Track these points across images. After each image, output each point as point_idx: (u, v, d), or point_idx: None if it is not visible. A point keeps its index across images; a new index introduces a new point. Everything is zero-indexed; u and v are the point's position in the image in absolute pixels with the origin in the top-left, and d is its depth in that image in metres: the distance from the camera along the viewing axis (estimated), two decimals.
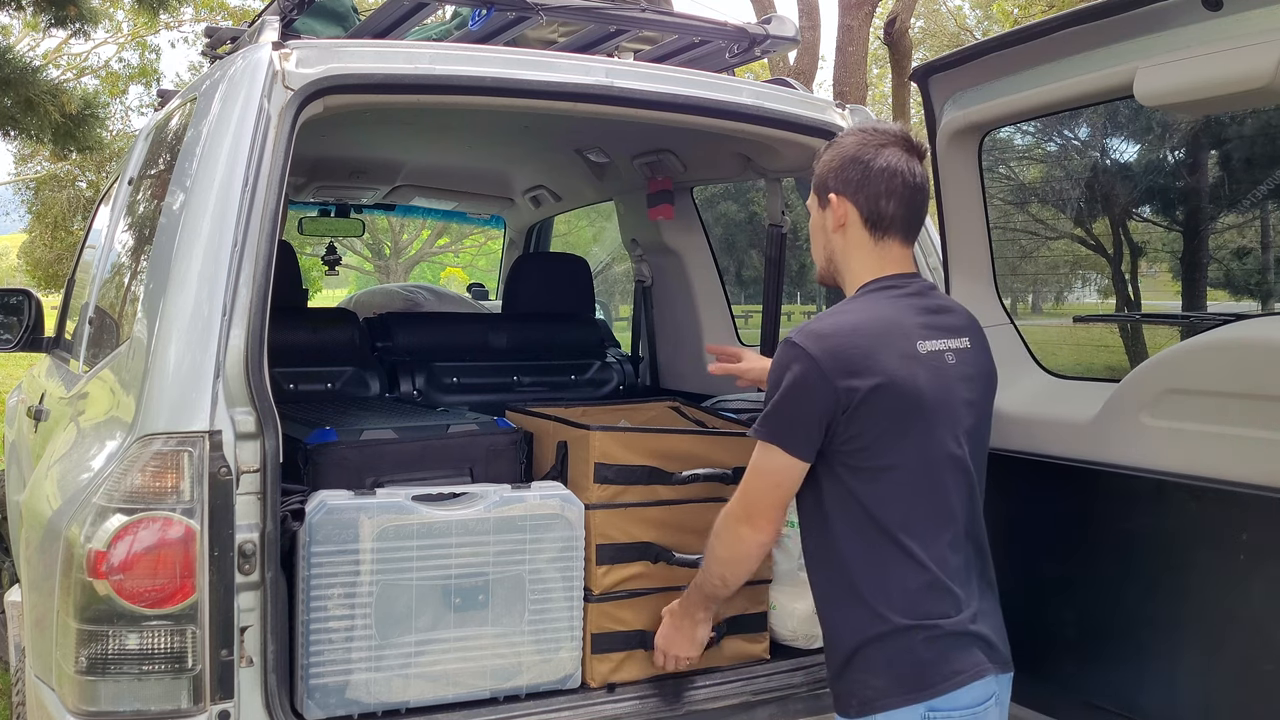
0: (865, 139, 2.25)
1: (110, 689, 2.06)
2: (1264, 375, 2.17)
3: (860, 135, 2.27)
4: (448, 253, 30.64)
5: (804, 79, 11.17)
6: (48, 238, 23.48)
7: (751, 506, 2.21)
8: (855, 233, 2.25)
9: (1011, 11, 17.40)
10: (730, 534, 2.26)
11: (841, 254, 2.28)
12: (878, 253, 2.25)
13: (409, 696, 2.45)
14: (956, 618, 2.11)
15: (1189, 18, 2.19)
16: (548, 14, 2.81)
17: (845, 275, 2.30)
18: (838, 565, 2.16)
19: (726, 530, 2.26)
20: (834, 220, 2.26)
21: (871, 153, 2.22)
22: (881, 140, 2.24)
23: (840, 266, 2.30)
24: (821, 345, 2.10)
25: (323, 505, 2.38)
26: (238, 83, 2.34)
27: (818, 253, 2.34)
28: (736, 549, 2.27)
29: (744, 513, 2.23)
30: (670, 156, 3.87)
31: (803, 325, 2.16)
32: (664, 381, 4.49)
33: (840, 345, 2.10)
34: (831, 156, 2.27)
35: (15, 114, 9.18)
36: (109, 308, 2.94)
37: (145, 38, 24.52)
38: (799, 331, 2.13)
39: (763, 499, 2.20)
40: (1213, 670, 2.27)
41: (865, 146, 2.24)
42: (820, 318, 2.20)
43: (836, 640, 2.19)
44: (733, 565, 2.31)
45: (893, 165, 2.21)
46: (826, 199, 2.27)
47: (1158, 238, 8.11)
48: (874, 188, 2.21)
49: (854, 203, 2.23)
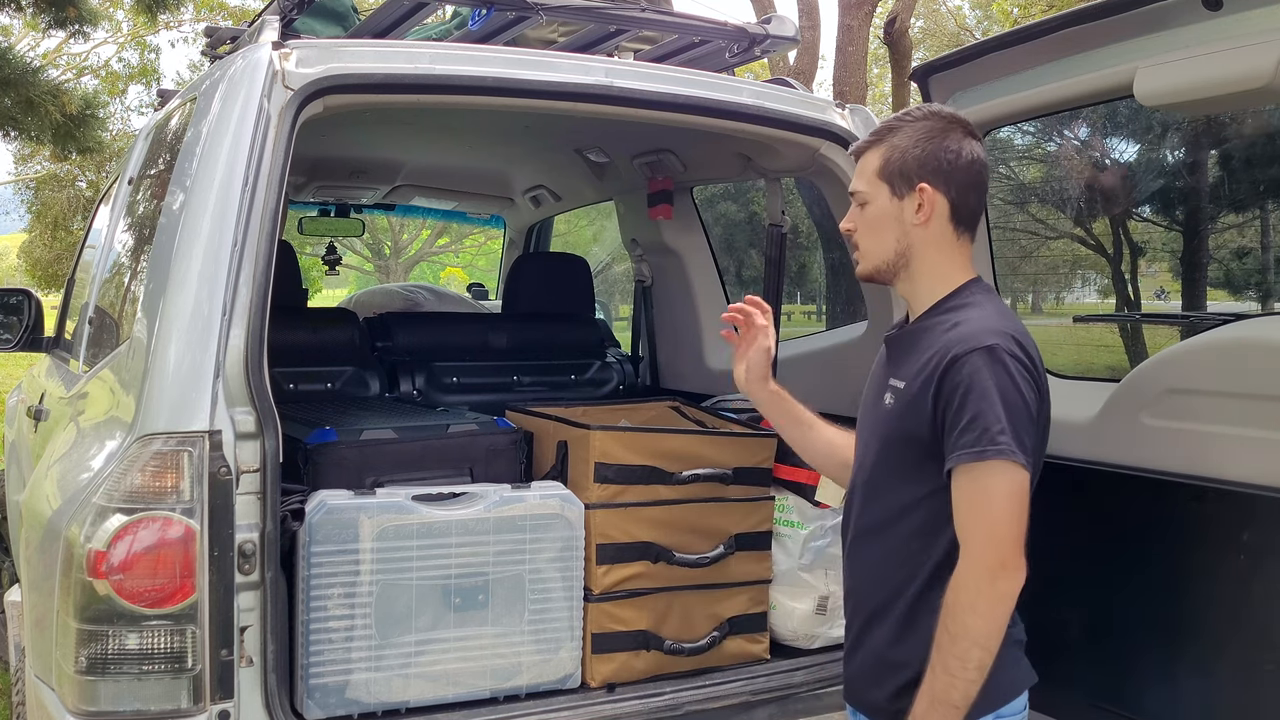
0: (945, 125, 2.05)
1: (110, 689, 2.06)
2: (1264, 375, 2.17)
3: (938, 120, 2.06)
4: (448, 253, 30.63)
5: (804, 79, 11.16)
6: (48, 238, 23.47)
7: (1004, 547, 1.84)
8: (940, 227, 2.05)
9: (1011, 11, 17.40)
10: (990, 597, 1.83)
11: (920, 249, 2.06)
12: (959, 250, 2.07)
13: (409, 696, 2.45)
14: (1022, 624, 2.05)
15: (1189, 18, 2.19)
16: (548, 14, 2.81)
17: (922, 273, 2.08)
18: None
19: (982, 597, 1.83)
20: (920, 212, 2.03)
21: (957, 141, 2.04)
22: (961, 128, 2.06)
23: (917, 263, 2.07)
24: (1023, 343, 1.94)
25: (323, 505, 2.38)
26: (238, 83, 2.34)
27: (882, 246, 2.08)
28: (1000, 611, 1.84)
29: (998, 561, 1.84)
30: (670, 156, 3.87)
31: (980, 326, 1.93)
32: (664, 381, 4.49)
33: (1031, 344, 1.96)
34: (913, 141, 2.04)
35: (15, 114, 9.17)
36: (109, 307, 2.94)
37: (145, 37, 24.51)
38: (989, 332, 1.91)
39: (1015, 531, 1.85)
40: (1213, 669, 2.27)
41: (948, 133, 2.04)
42: (984, 318, 1.97)
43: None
44: (996, 637, 1.85)
45: (979, 157, 2.06)
46: (911, 187, 2.03)
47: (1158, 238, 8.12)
48: (963, 179, 2.03)
49: (944, 194, 2.03)
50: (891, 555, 2.04)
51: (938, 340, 1.98)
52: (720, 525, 2.78)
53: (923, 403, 1.95)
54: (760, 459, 2.85)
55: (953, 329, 1.97)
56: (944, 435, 1.92)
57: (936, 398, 1.93)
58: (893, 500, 2.04)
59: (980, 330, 1.93)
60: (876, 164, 2.08)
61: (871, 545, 2.09)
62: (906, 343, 2.09)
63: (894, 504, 2.03)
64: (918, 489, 1.99)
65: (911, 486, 2.00)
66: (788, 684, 2.71)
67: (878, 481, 2.09)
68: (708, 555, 2.74)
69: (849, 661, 2.17)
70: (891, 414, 2.04)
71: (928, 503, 1.98)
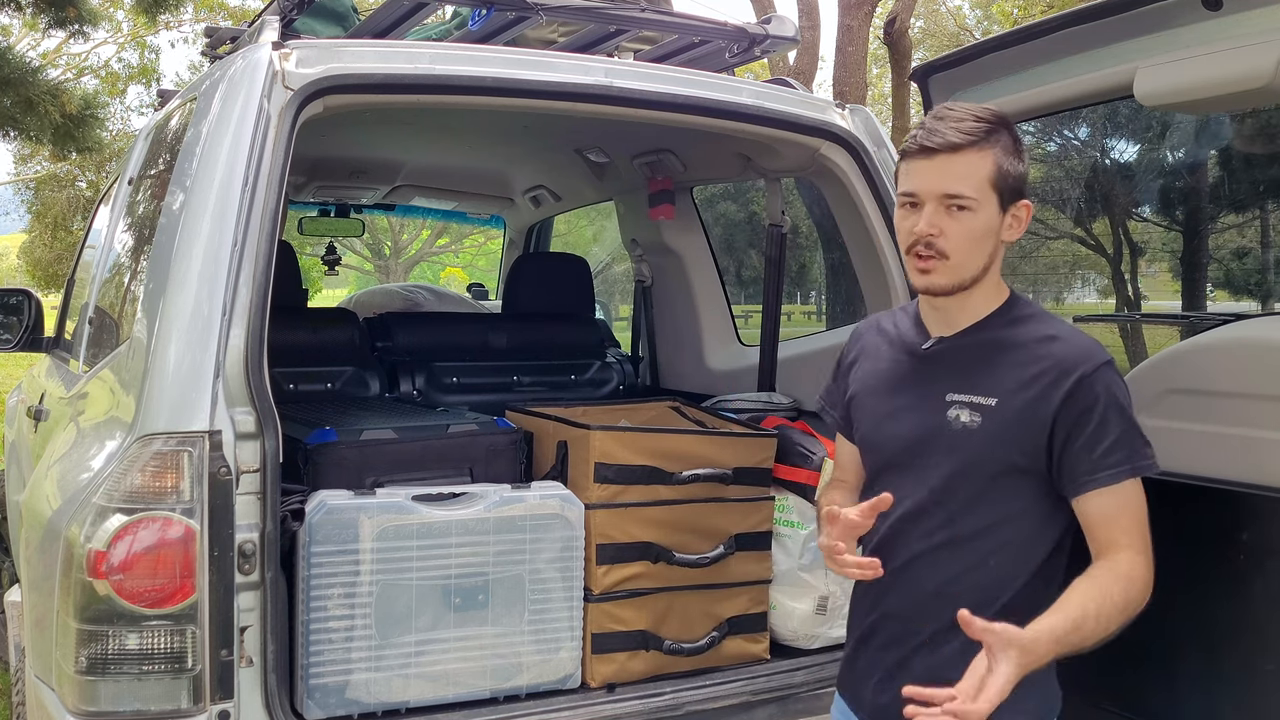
0: (1017, 133, 1.99)
1: (110, 689, 2.06)
2: (1264, 375, 2.17)
3: (1012, 128, 1.99)
4: (448, 253, 30.65)
5: (804, 79, 11.16)
6: (48, 238, 23.49)
7: (1149, 547, 1.90)
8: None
9: (1011, 12, 17.41)
10: (1145, 584, 1.88)
11: (998, 263, 2.00)
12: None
13: (409, 696, 2.45)
14: None
15: (1189, 18, 2.19)
16: (548, 14, 2.81)
17: (986, 284, 1.99)
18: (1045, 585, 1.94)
19: (1146, 584, 1.88)
20: (1015, 228, 1.98)
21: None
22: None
23: (990, 277, 1.99)
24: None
25: (323, 505, 2.38)
26: (238, 83, 2.34)
27: (977, 259, 1.95)
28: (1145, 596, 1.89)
29: (1147, 560, 1.89)
30: (670, 156, 3.87)
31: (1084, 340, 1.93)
32: (664, 381, 4.49)
33: None
34: (1015, 153, 1.96)
35: (15, 114, 9.18)
36: (109, 308, 2.94)
37: (145, 38, 24.52)
38: (1096, 347, 1.92)
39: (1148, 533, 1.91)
40: (1212, 670, 2.27)
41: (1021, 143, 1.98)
42: (1074, 331, 1.96)
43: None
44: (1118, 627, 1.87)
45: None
46: (1017, 202, 1.96)
47: (1158, 238, 8.12)
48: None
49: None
50: (965, 576, 1.95)
51: (1038, 355, 1.92)
52: (720, 525, 2.78)
53: (1037, 422, 1.89)
54: (760, 459, 2.85)
55: (1054, 343, 1.92)
56: (1071, 453, 1.88)
57: (1059, 416, 1.87)
58: (969, 521, 1.95)
59: (1089, 344, 1.90)
60: (989, 171, 1.92)
61: (938, 566, 1.98)
62: (969, 355, 1.99)
63: (969, 525, 1.95)
64: (1001, 509, 1.93)
65: (997, 507, 1.93)
66: (788, 684, 2.71)
67: (946, 505, 1.98)
68: (708, 555, 2.74)
69: (885, 689, 2.02)
70: (980, 433, 1.93)
71: (1017, 523, 1.92)
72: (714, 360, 4.25)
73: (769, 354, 3.73)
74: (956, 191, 1.91)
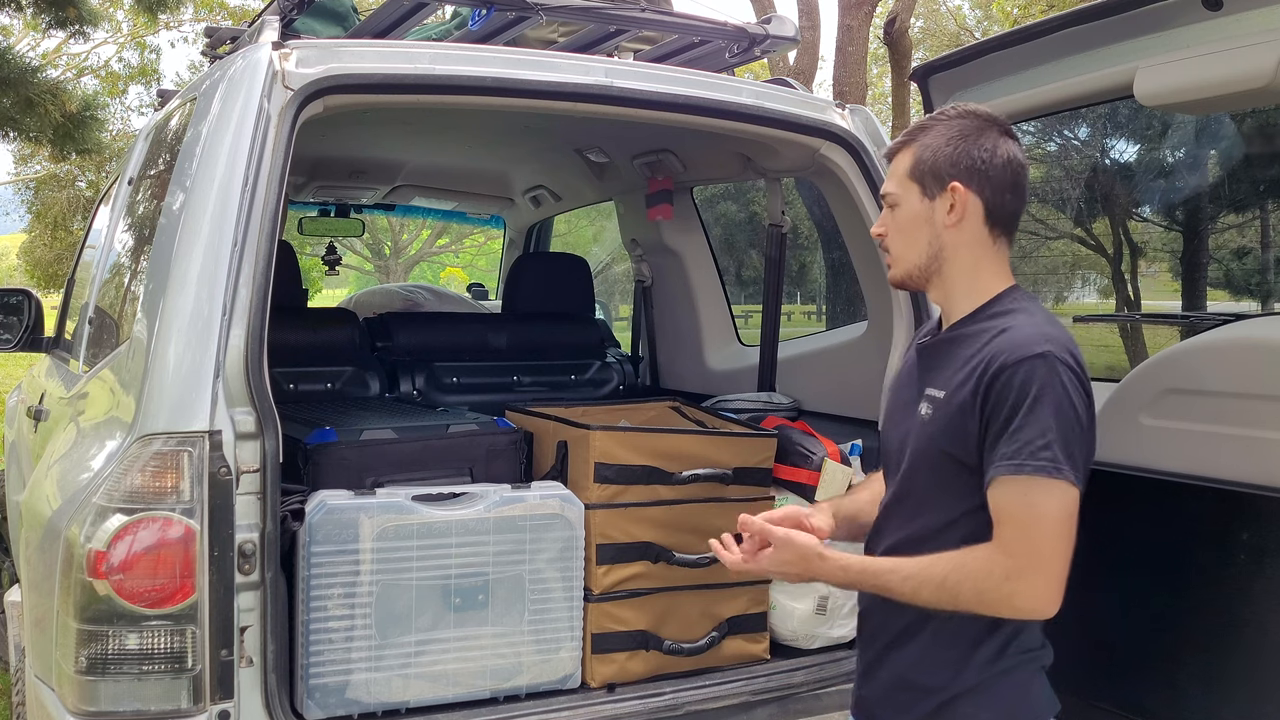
0: (979, 124, 1.98)
1: (110, 689, 2.06)
2: (1264, 375, 2.17)
3: (973, 119, 1.98)
4: (448, 253, 30.63)
5: (804, 79, 11.17)
6: (48, 238, 23.46)
7: (1043, 563, 1.79)
8: (974, 228, 1.97)
9: (1011, 11, 17.40)
10: (996, 593, 1.81)
11: (953, 252, 1.98)
12: (996, 254, 1.99)
13: (409, 696, 2.45)
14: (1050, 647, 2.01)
15: (1189, 18, 2.19)
16: (548, 14, 2.81)
17: (957, 278, 2.00)
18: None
19: (991, 586, 1.80)
20: (952, 213, 1.96)
21: (991, 140, 1.96)
22: (996, 127, 1.98)
23: (950, 267, 1.99)
24: (1074, 351, 1.86)
25: (323, 505, 2.38)
26: (238, 83, 2.34)
27: (914, 250, 2.01)
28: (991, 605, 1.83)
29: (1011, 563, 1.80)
30: (670, 156, 3.87)
31: (1031, 333, 1.85)
32: (664, 381, 4.49)
33: (1080, 353, 1.88)
34: (945, 140, 1.96)
35: (15, 114, 9.18)
36: (109, 308, 2.94)
37: (145, 38, 24.51)
38: (1040, 339, 1.83)
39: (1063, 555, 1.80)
40: (1212, 669, 2.27)
41: (983, 132, 1.96)
42: (1034, 325, 1.89)
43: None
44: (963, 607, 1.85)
45: (1014, 157, 1.97)
46: (942, 187, 1.96)
47: (1158, 238, 8.12)
48: (997, 179, 1.95)
49: (978, 194, 1.95)
50: None
51: (982, 348, 1.90)
52: (720, 525, 2.76)
53: (966, 414, 1.87)
54: (760, 459, 2.85)
55: (999, 336, 1.89)
56: (987, 444, 1.84)
57: (982, 408, 1.85)
58: (928, 517, 1.96)
59: (1031, 337, 1.84)
60: (907, 164, 2.00)
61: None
62: (943, 350, 2.01)
63: (930, 521, 1.96)
64: (956, 505, 1.92)
65: (949, 502, 1.93)
66: (788, 684, 2.71)
67: (911, 497, 2.00)
68: (708, 555, 2.74)
69: (865, 682, 2.10)
70: (929, 425, 1.95)
71: (966, 520, 1.90)
72: (714, 360, 4.25)
73: (769, 354, 3.73)
74: (885, 190, 2.06)
